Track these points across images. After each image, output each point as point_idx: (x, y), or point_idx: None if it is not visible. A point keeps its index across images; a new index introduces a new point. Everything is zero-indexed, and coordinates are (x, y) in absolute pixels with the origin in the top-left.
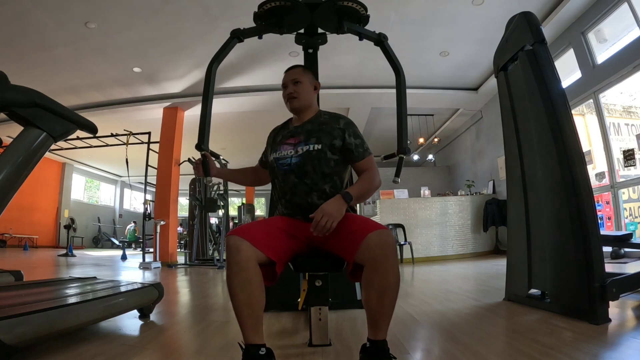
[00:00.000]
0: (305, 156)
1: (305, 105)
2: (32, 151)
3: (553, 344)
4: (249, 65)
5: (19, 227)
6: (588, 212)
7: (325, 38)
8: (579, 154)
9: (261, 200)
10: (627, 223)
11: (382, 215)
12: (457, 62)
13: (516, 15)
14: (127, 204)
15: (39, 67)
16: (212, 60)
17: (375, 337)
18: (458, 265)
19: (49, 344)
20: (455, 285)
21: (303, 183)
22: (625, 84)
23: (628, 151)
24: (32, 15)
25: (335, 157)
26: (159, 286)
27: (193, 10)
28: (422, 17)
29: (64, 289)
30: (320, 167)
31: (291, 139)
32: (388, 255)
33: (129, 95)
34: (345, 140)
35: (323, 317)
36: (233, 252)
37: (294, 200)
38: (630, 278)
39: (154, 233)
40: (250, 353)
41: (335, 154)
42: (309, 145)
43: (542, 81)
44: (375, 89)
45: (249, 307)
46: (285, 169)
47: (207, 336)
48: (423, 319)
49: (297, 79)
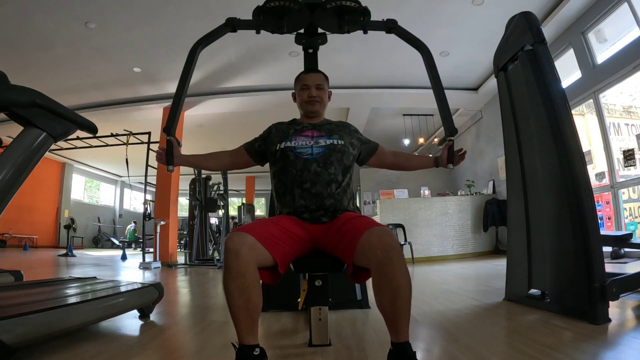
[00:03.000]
0: (331, 148)
1: (323, 111)
2: (32, 151)
3: (553, 344)
4: (249, 65)
5: (19, 227)
6: (588, 212)
7: (325, 38)
8: (579, 154)
9: (261, 200)
10: (627, 223)
11: (382, 215)
12: (457, 62)
13: (516, 15)
14: (127, 204)
15: (39, 67)
16: (198, 41)
17: (397, 340)
18: (458, 265)
19: (49, 344)
20: (455, 285)
21: (326, 172)
22: (625, 84)
23: (628, 151)
24: (32, 15)
25: (354, 153)
26: (159, 286)
27: (193, 10)
28: (422, 17)
29: (64, 289)
30: (342, 161)
31: (308, 132)
32: (393, 258)
33: (129, 95)
34: (361, 139)
35: (323, 317)
36: (232, 256)
37: (314, 189)
38: (630, 278)
39: (154, 233)
40: (244, 353)
41: (354, 151)
42: (333, 140)
43: (542, 81)
44: (375, 89)
45: (246, 311)
46: (307, 158)
47: (207, 336)
48: (423, 319)
49: (321, 85)
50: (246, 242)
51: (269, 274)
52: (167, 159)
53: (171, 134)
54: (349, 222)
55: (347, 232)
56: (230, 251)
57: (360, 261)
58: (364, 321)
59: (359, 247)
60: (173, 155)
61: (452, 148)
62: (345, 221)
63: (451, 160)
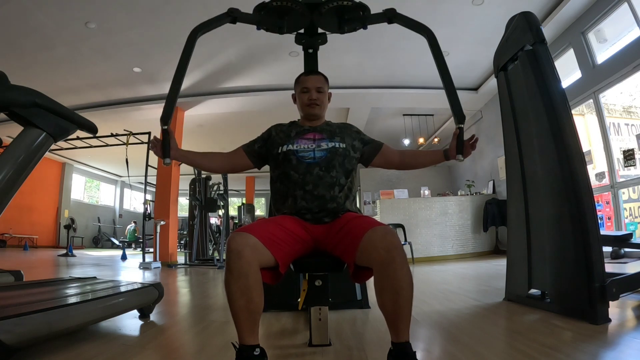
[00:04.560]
0: (333, 152)
1: (323, 114)
2: (32, 151)
3: (553, 344)
4: (249, 65)
5: (19, 227)
6: (588, 212)
7: (325, 38)
8: (579, 154)
9: (261, 200)
10: (627, 223)
11: (382, 215)
12: (457, 62)
13: (516, 15)
14: (127, 204)
15: (39, 67)
16: (196, 27)
17: (398, 340)
18: (458, 265)
19: (49, 344)
20: (455, 285)
21: (329, 176)
22: (625, 84)
23: (628, 151)
24: (32, 15)
25: (356, 156)
26: (159, 286)
27: (193, 10)
28: (422, 17)
29: (63, 289)
30: (344, 164)
31: (309, 135)
32: (395, 258)
33: (129, 95)
34: (363, 139)
35: (323, 317)
36: (234, 257)
37: (316, 191)
38: (630, 278)
39: (154, 233)
40: (244, 353)
41: (356, 153)
42: (334, 143)
43: (542, 81)
44: (375, 89)
45: (248, 312)
46: (309, 162)
47: (207, 336)
48: (423, 319)
49: (321, 88)
50: (248, 243)
51: (270, 274)
52: (164, 150)
53: (167, 123)
54: (351, 221)
55: (349, 232)
56: (233, 252)
57: (362, 260)
58: (364, 321)
59: (361, 246)
60: (170, 146)
61: (462, 136)
62: (347, 221)
63: (460, 150)
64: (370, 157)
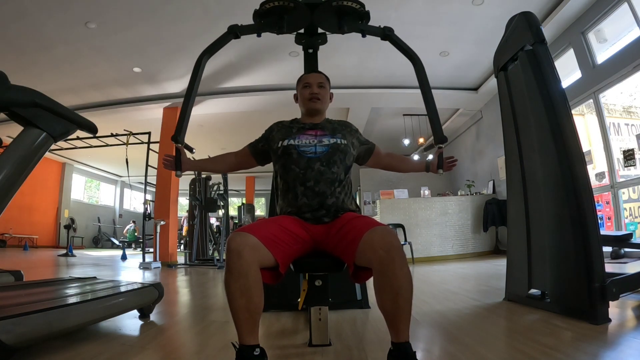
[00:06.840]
0: (334, 147)
1: (324, 110)
2: (32, 151)
3: (553, 344)
4: (249, 65)
5: (19, 227)
6: (588, 212)
7: (325, 38)
8: (579, 154)
9: (261, 200)
10: (627, 223)
11: (382, 215)
12: (457, 62)
13: (516, 15)
14: (127, 204)
15: (39, 66)
16: (203, 52)
17: (398, 340)
18: (458, 265)
19: (49, 344)
20: (455, 285)
21: (330, 172)
22: (625, 84)
23: (628, 151)
24: (32, 15)
25: (354, 154)
26: (159, 286)
27: (193, 10)
28: (422, 17)
29: (63, 289)
30: (344, 160)
31: (311, 131)
32: (395, 258)
33: (129, 95)
34: (360, 139)
35: (323, 317)
36: (234, 257)
37: (317, 188)
38: (630, 278)
39: (154, 233)
40: (244, 353)
41: (355, 151)
42: (336, 139)
43: (542, 81)
44: (375, 89)
45: (247, 312)
46: (310, 157)
47: (207, 336)
48: (423, 319)
49: (323, 84)
50: (248, 243)
51: (270, 274)
52: (176, 165)
53: (179, 142)
54: (350, 222)
55: (348, 232)
56: (233, 252)
57: (362, 260)
58: (364, 321)
59: (361, 246)
60: (181, 161)
61: (442, 155)
62: (346, 221)
63: (441, 166)
64: (365, 157)
